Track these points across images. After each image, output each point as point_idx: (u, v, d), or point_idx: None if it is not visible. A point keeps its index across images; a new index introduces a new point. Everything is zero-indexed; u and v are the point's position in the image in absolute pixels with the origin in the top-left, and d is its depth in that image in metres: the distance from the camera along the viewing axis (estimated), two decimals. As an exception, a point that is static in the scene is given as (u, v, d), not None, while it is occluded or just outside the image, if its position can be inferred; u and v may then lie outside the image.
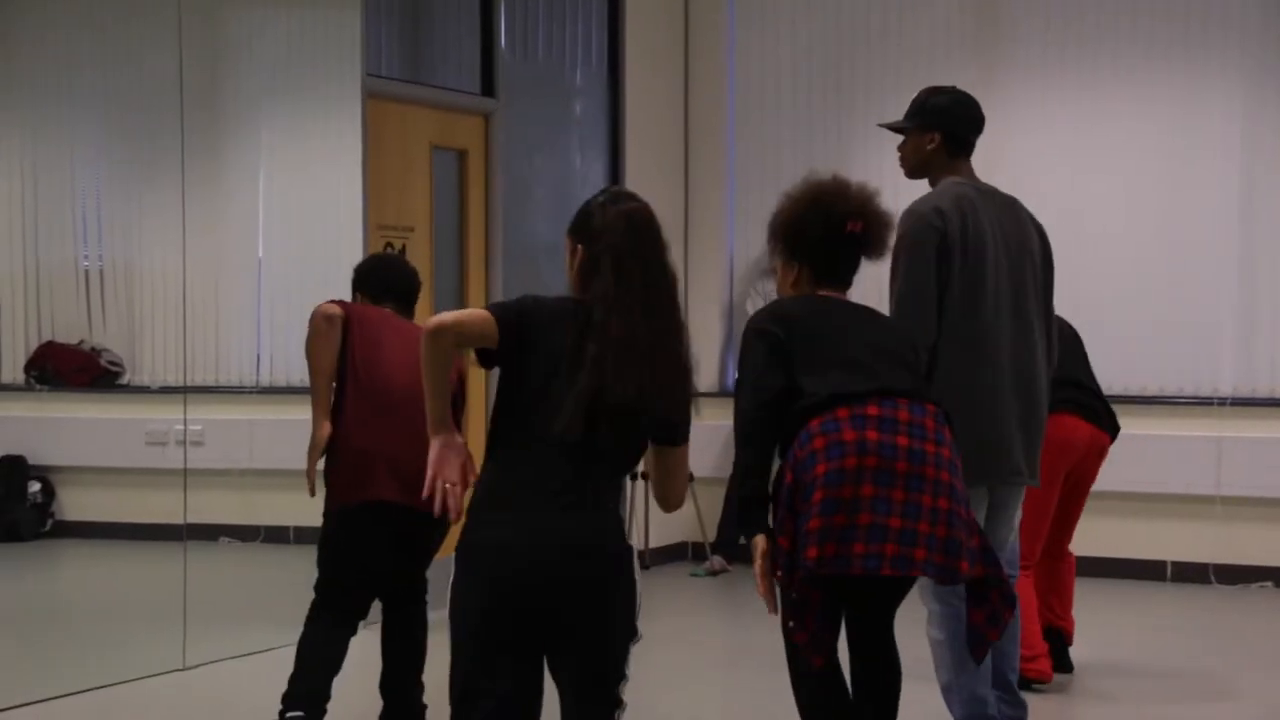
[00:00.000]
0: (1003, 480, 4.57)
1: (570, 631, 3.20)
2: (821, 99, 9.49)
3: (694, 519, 8.94)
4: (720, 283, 9.41)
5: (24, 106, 9.64)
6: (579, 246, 3.32)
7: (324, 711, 4.81)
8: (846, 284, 4.05)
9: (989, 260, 4.50)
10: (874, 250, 4.04)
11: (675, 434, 3.30)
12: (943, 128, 4.65)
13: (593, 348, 3.16)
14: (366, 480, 4.75)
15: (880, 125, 4.92)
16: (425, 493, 3.24)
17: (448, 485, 3.23)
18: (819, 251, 3.99)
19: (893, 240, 4.13)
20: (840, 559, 3.61)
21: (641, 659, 6.72)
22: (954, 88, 4.73)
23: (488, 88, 8.12)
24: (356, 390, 4.78)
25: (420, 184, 7.62)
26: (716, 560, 8.82)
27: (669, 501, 3.38)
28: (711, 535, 8.94)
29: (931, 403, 3.84)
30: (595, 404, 3.16)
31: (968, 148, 4.72)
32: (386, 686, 5.00)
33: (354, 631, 4.92)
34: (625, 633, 3.26)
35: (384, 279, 5.13)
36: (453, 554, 3.28)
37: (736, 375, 3.95)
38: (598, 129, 8.87)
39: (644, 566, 8.94)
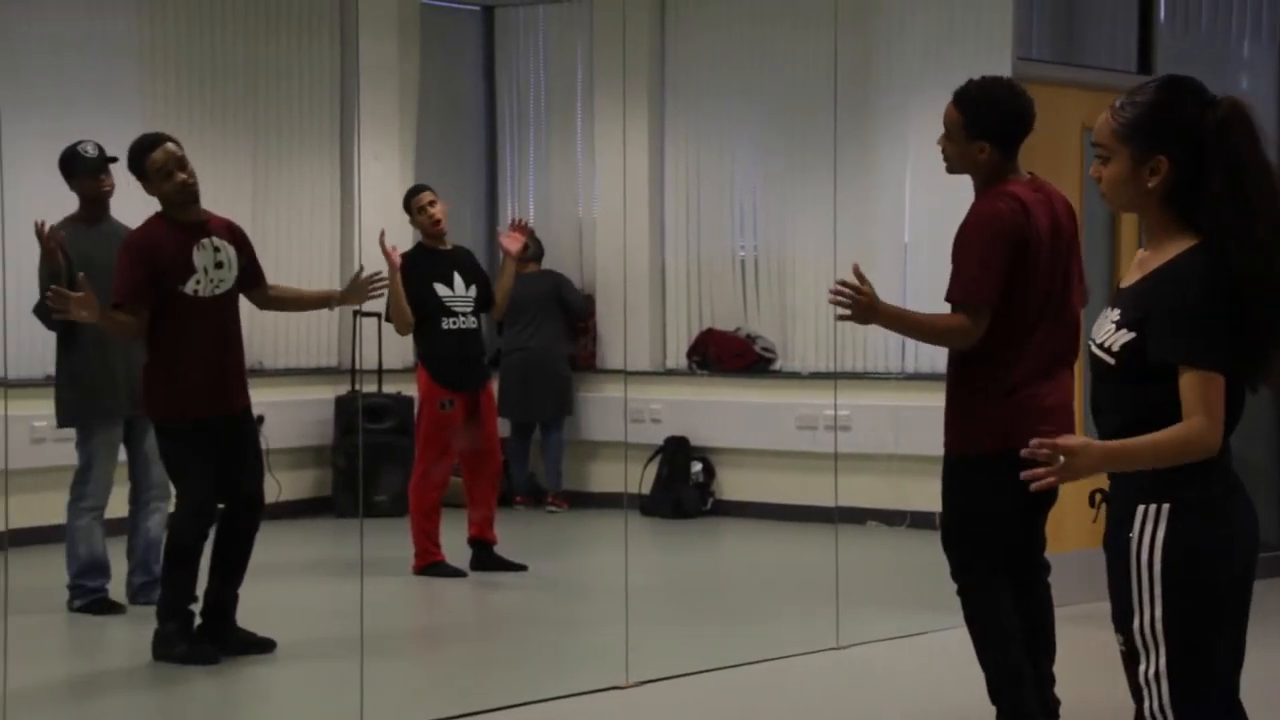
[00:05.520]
0: None
1: None
2: None
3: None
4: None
5: (689, 108, 10.21)
6: (1161, 159, 2.91)
7: None
8: None
9: None
10: None
11: None
12: None
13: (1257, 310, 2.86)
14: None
15: None
16: None
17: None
18: None
19: None
20: None
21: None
22: None
23: (1144, 65, 7.80)
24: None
25: (1071, 168, 7.42)
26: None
27: None
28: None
29: None
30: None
31: None
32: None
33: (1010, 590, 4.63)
34: None
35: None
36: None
37: None
38: (1266, 105, 8.32)
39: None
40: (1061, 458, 2.85)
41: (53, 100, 8.35)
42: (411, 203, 7.65)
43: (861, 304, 4.51)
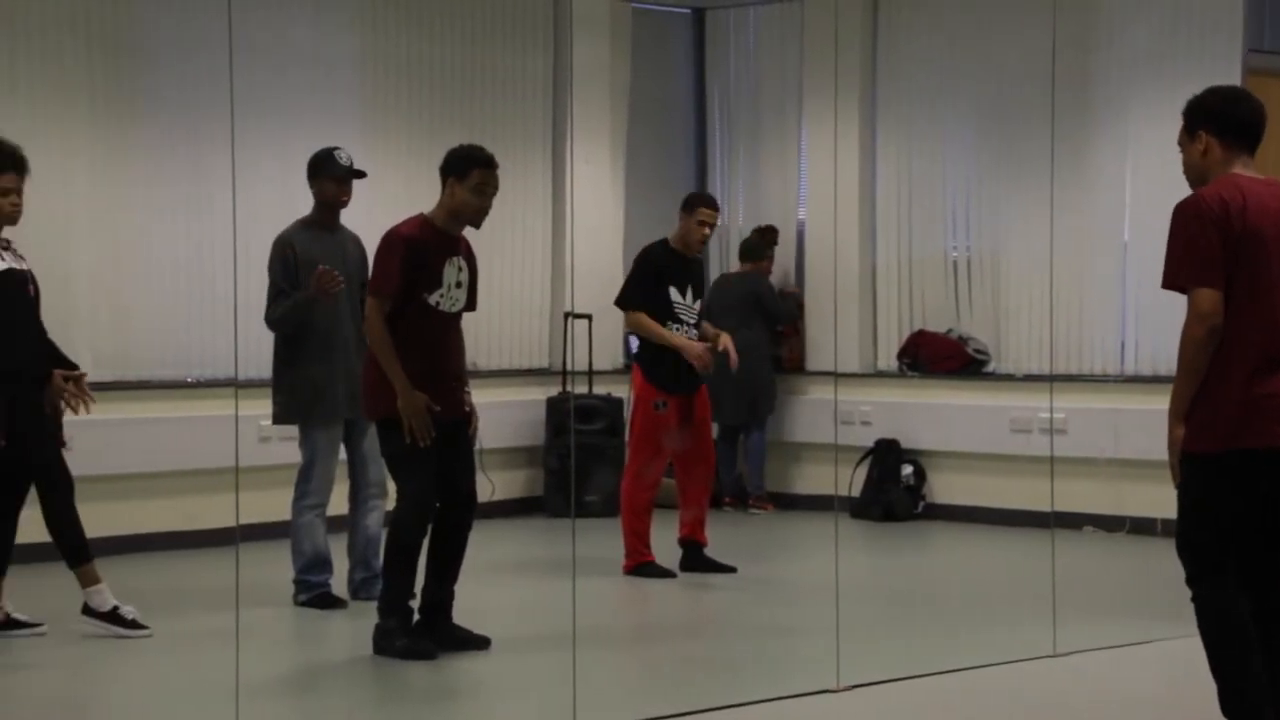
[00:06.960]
0: None
1: None
2: None
3: None
4: None
5: (901, 108, 10.10)
6: None
7: None
8: None
9: None
10: None
11: None
12: None
13: None
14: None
15: None
16: None
17: None
18: None
19: None
20: None
21: None
22: None
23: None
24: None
25: (1300, 164, 7.17)
26: None
27: None
28: None
29: None
30: None
31: None
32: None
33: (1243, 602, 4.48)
34: None
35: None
36: None
37: None
38: None
39: None
40: None
41: (279, 108, 8.63)
42: (695, 209, 7.60)
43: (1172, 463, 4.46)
